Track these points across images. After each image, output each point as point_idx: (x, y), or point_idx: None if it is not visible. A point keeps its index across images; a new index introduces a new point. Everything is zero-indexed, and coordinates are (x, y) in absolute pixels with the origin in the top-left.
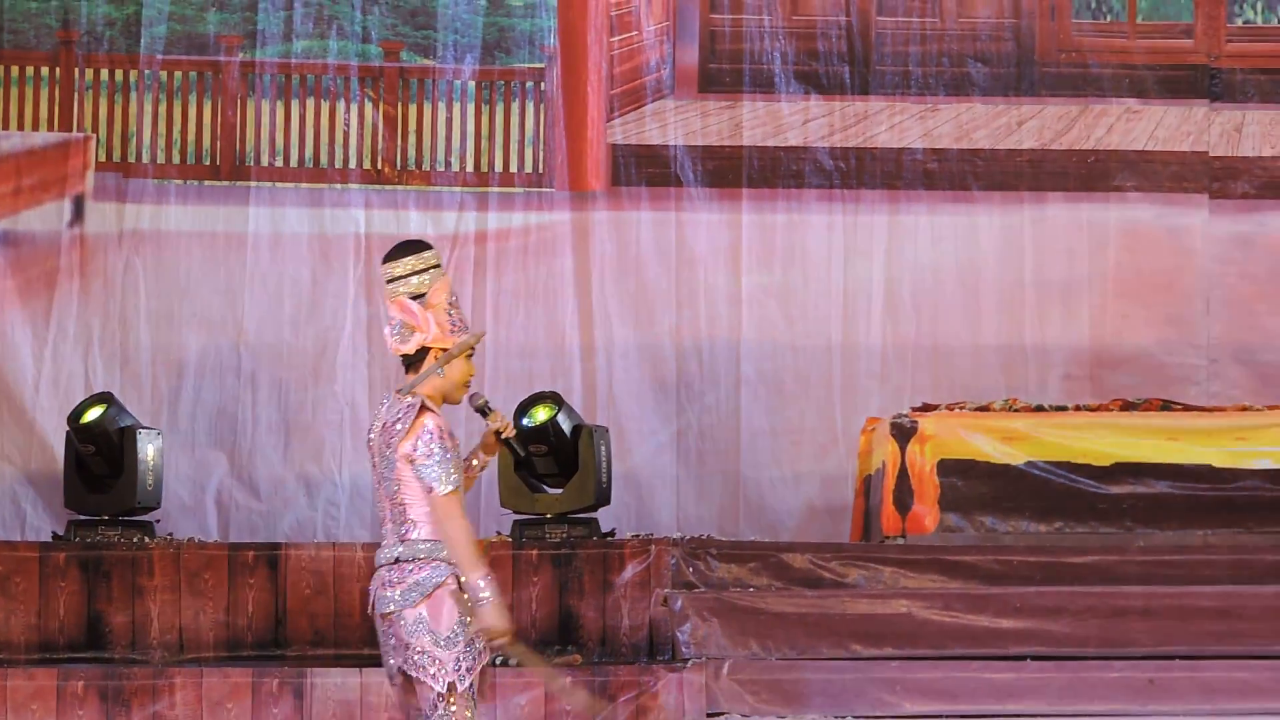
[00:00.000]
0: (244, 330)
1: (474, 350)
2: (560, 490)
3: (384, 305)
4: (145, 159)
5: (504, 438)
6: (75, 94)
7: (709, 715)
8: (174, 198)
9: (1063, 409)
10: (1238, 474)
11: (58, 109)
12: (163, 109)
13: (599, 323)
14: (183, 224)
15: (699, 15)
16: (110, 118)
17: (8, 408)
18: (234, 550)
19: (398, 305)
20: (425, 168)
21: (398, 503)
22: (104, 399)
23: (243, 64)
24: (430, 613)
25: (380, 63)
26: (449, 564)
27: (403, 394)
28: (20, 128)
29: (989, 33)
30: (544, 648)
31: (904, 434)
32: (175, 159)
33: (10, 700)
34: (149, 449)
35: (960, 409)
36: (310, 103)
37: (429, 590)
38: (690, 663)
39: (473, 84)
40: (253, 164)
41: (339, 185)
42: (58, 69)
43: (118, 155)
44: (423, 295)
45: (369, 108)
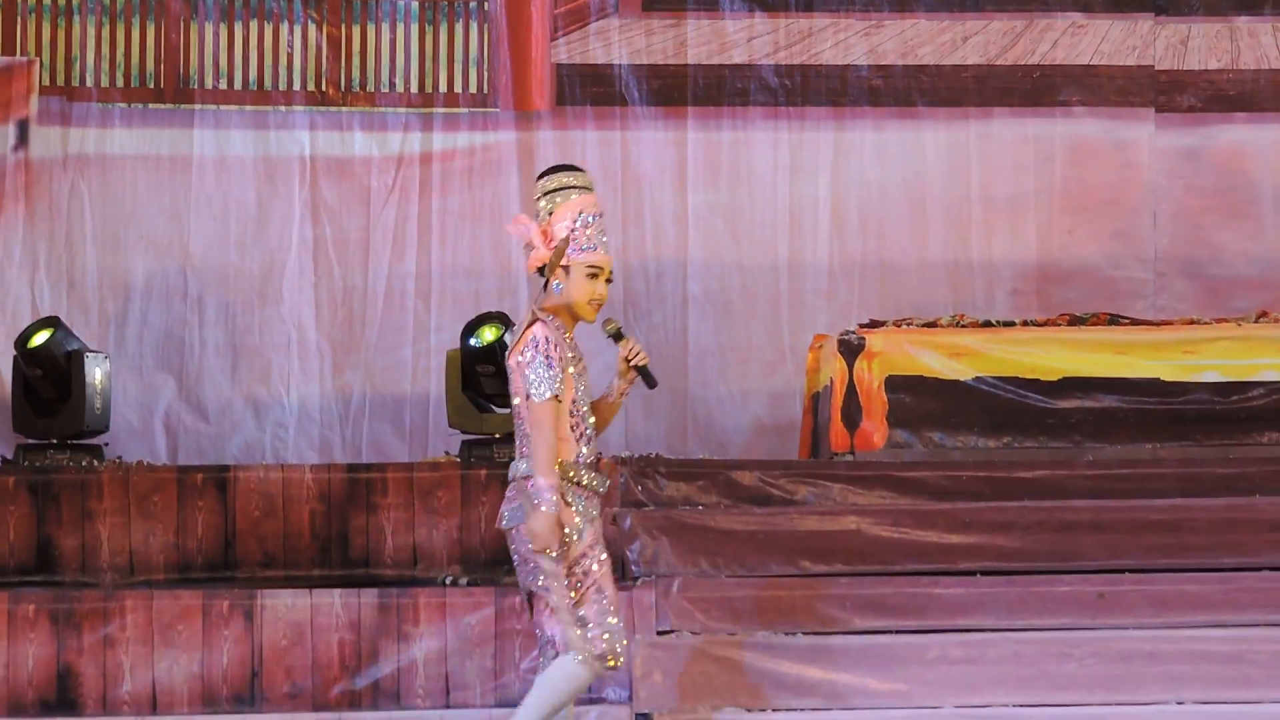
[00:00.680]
0: (190, 253)
1: (599, 271)
2: (508, 410)
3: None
4: (89, 83)
5: (634, 364)
6: (18, 18)
7: (659, 633)
8: (118, 121)
9: (1010, 324)
10: (1185, 387)
11: (0, 33)
12: (106, 32)
13: None
14: (127, 148)
15: None
16: (54, 41)
17: None
18: (183, 473)
19: (520, 223)
20: (370, 89)
21: (519, 417)
22: (51, 323)
23: None
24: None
25: None
26: (563, 479)
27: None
28: None
29: None
30: (494, 567)
31: (851, 351)
32: (119, 82)
33: None
34: (96, 373)
35: (907, 325)
36: (254, 25)
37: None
38: (640, 581)
39: (416, 4)
40: (197, 87)
41: (283, 107)
42: None
43: (61, 79)
44: (549, 215)
45: (313, 29)
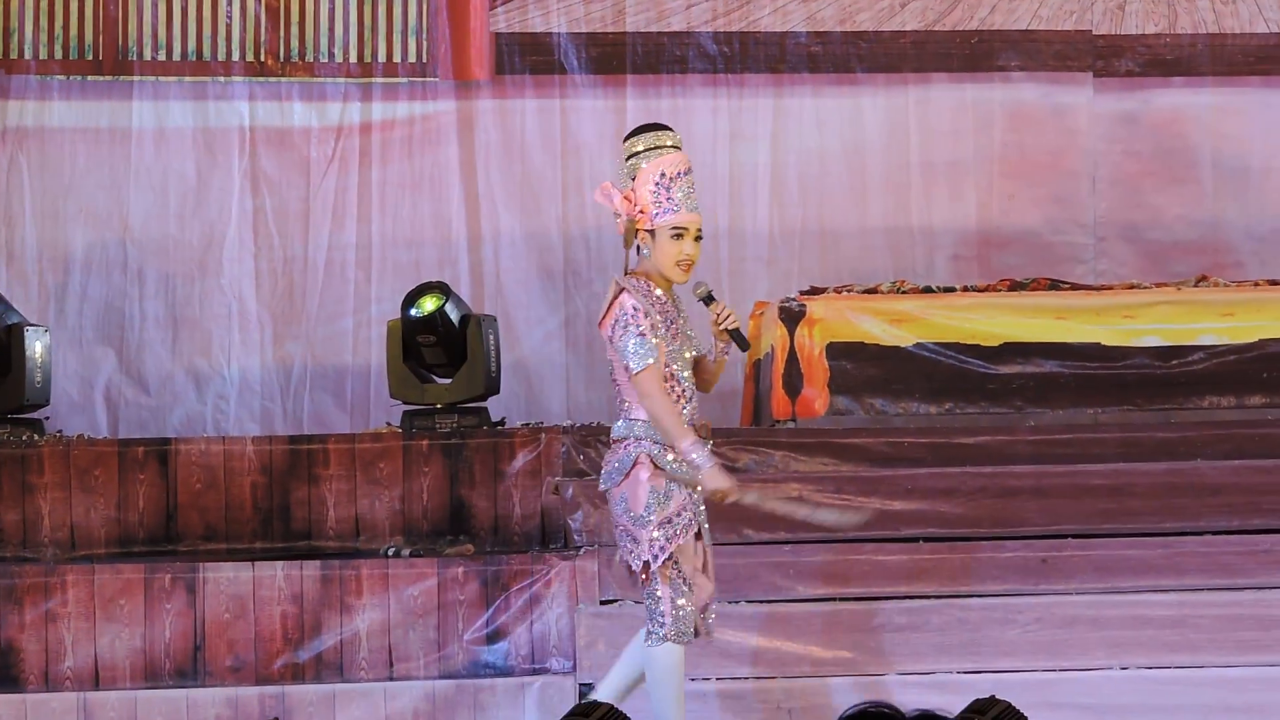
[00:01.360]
0: (129, 226)
1: (685, 230)
2: (449, 380)
3: None
4: (28, 55)
5: (723, 327)
6: None
7: (602, 602)
8: (57, 93)
9: (951, 290)
10: (1126, 352)
11: None
12: (44, 4)
13: (485, 212)
14: (66, 120)
15: None
16: None
17: None
18: (124, 446)
19: (605, 191)
20: (309, 59)
21: (614, 382)
22: None
23: None
24: (628, 493)
25: None
26: (652, 442)
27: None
28: None
29: None
30: (436, 538)
31: (792, 318)
32: (58, 54)
33: None
34: (37, 346)
35: (848, 292)
36: None
37: (626, 470)
38: (582, 550)
39: None
40: (135, 58)
41: (222, 78)
42: None
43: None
44: (632, 179)
45: (251, 0)
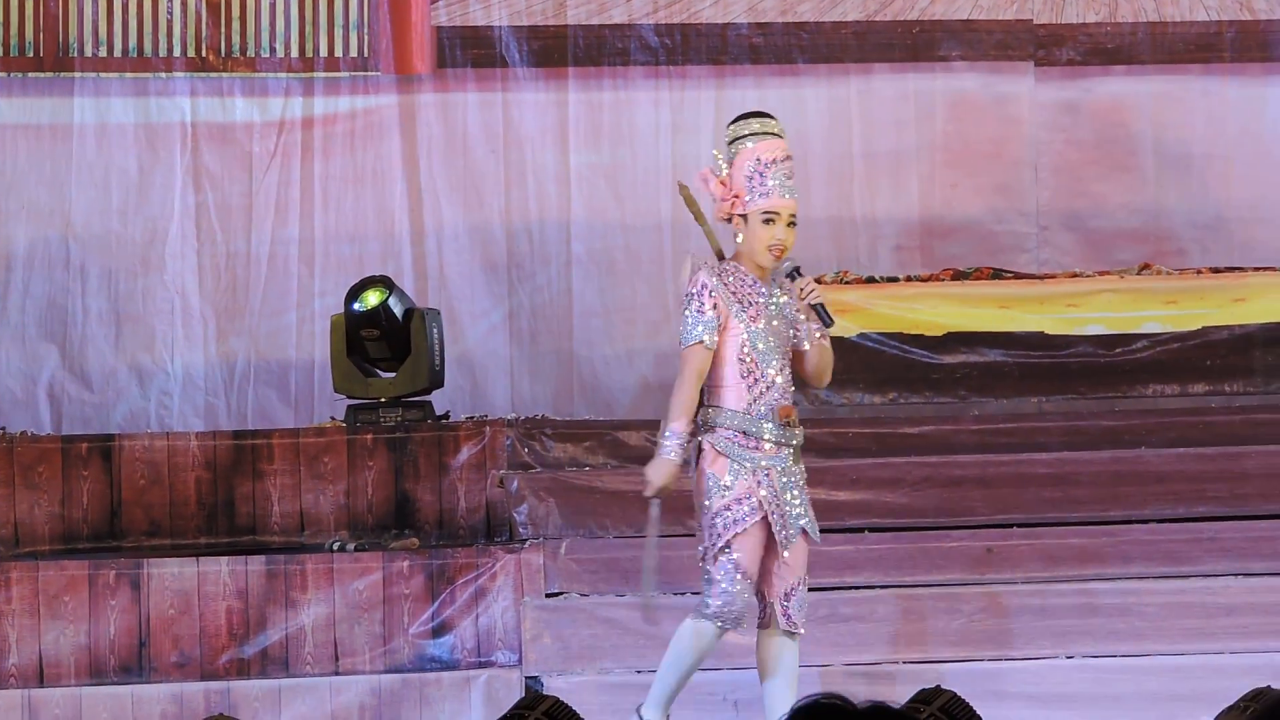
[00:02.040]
0: (71, 222)
1: (776, 214)
2: (393, 374)
3: None
4: None
5: (806, 302)
6: None
7: (548, 595)
8: None
9: (894, 280)
10: (1070, 340)
11: None
12: None
13: (428, 206)
14: (6, 117)
15: None
16: None
17: None
18: (67, 442)
19: (703, 177)
20: (250, 54)
21: None
22: None
23: None
24: (697, 480)
25: None
26: (717, 430)
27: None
28: None
29: None
30: (381, 532)
31: None
32: None
33: None
34: None
35: None
36: None
37: (695, 459)
38: (528, 543)
39: None
40: (76, 55)
41: (164, 74)
42: None
43: None
44: (728, 165)
45: None
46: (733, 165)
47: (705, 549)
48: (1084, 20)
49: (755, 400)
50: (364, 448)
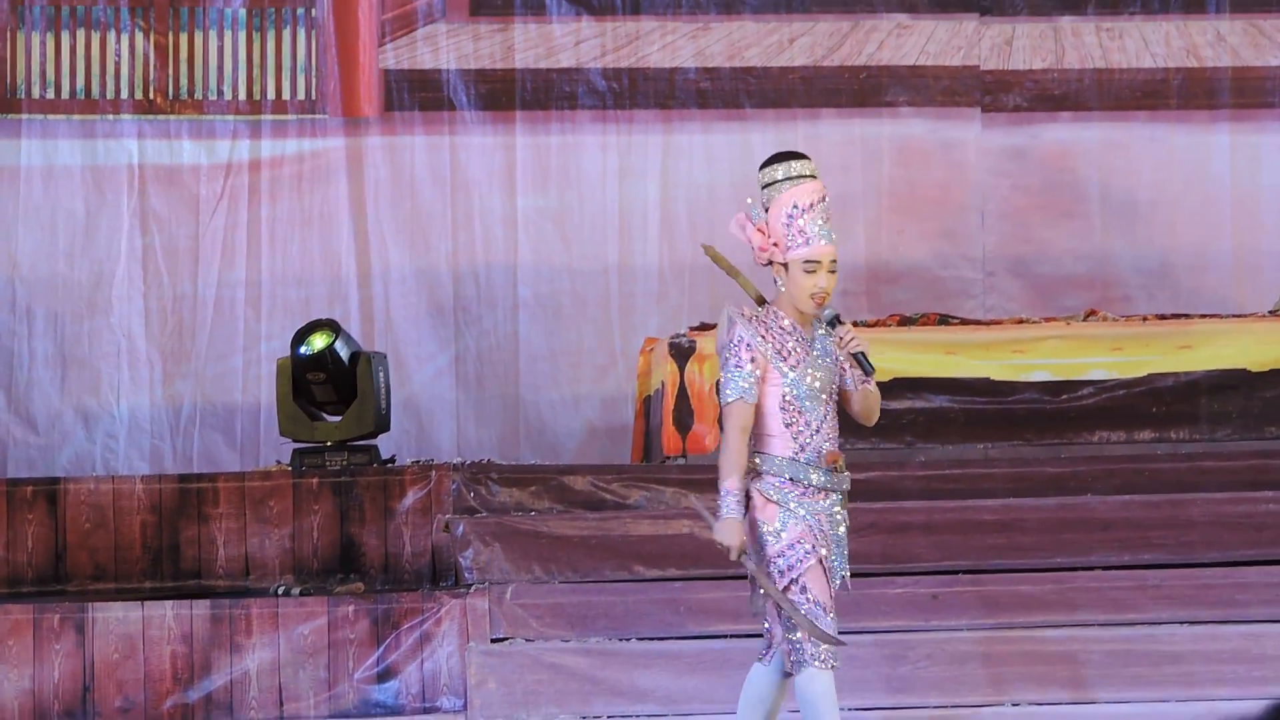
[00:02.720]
0: (18, 264)
1: (818, 263)
2: (339, 418)
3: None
4: None
5: (848, 350)
6: None
7: (493, 640)
8: None
9: None
10: (1016, 386)
11: None
12: None
13: (375, 249)
14: None
15: None
16: None
17: None
18: (12, 485)
19: (740, 223)
20: (198, 97)
21: None
22: None
23: None
24: (750, 529)
25: None
26: (772, 476)
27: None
28: None
29: None
30: (326, 576)
31: (682, 354)
32: None
33: None
34: None
35: None
36: (81, 34)
37: (746, 507)
38: (473, 588)
39: (243, 11)
40: (24, 96)
41: (111, 116)
42: None
43: None
44: (765, 210)
45: (140, 38)
46: (769, 211)
47: (772, 598)
48: (1031, 67)
49: (802, 447)
50: (309, 492)
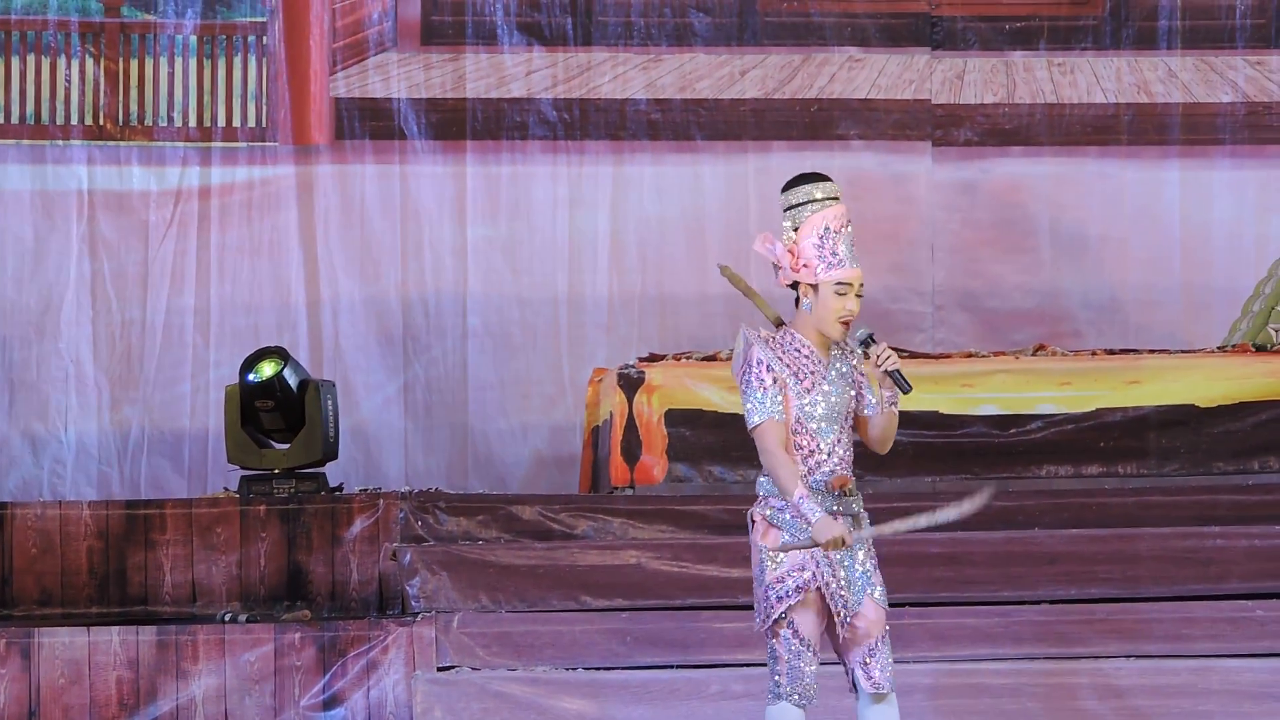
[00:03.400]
0: None
1: (849, 285)
2: (287, 445)
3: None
4: None
5: (883, 369)
6: None
7: (439, 669)
8: None
9: None
10: (964, 420)
11: None
12: None
13: (324, 277)
14: None
15: None
16: None
17: None
18: None
19: (767, 243)
20: (148, 123)
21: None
22: None
23: None
24: (751, 552)
25: (101, 18)
26: (770, 501)
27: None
28: None
29: None
30: (273, 603)
31: (631, 384)
32: None
33: None
34: None
35: (687, 359)
36: (30, 59)
37: (748, 530)
38: (420, 616)
39: (194, 38)
40: None
41: (60, 141)
42: None
43: None
44: (794, 231)
45: (90, 63)
46: (799, 232)
47: (761, 622)
48: (982, 101)
49: (810, 472)
50: (257, 519)
